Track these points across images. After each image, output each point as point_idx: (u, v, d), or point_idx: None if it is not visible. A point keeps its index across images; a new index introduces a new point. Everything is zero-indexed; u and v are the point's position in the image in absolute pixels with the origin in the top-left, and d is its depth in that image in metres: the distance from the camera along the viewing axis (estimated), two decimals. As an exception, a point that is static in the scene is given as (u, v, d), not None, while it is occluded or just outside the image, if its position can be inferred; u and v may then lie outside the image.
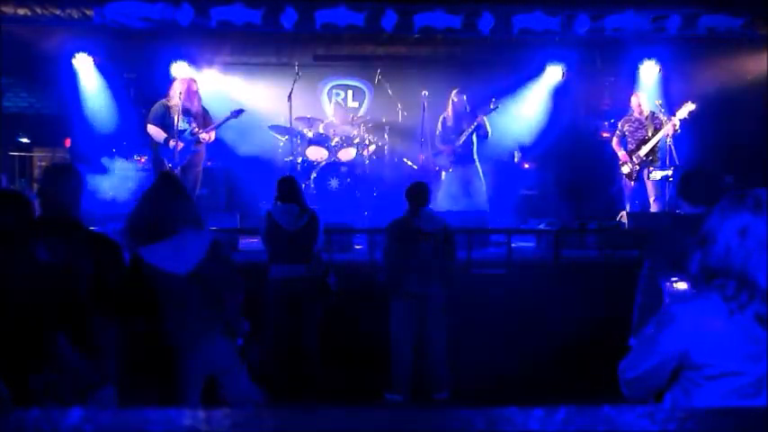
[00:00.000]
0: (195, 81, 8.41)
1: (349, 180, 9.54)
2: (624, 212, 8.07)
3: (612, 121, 9.58)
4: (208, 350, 3.72)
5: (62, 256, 3.13)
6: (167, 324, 3.64)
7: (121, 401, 3.23)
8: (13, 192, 3.87)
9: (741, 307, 1.98)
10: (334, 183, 9.50)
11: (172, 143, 7.99)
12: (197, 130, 8.12)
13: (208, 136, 8.18)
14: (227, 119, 8.15)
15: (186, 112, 8.10)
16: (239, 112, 8.16)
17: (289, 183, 5.88)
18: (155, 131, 8.10)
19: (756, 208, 2.00)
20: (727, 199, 2.07)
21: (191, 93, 8.16)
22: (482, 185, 9.07)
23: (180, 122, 8.06)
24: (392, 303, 5.74)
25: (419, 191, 5.80)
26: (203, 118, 8.26)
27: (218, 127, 8.26)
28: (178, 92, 8.09)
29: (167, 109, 8.13)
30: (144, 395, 3.63)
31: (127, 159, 9.30)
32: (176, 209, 3.70)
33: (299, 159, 9.59)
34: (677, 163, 8.15)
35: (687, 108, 8.13)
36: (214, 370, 3.79)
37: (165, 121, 8.10)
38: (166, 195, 3.74)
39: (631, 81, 9.83)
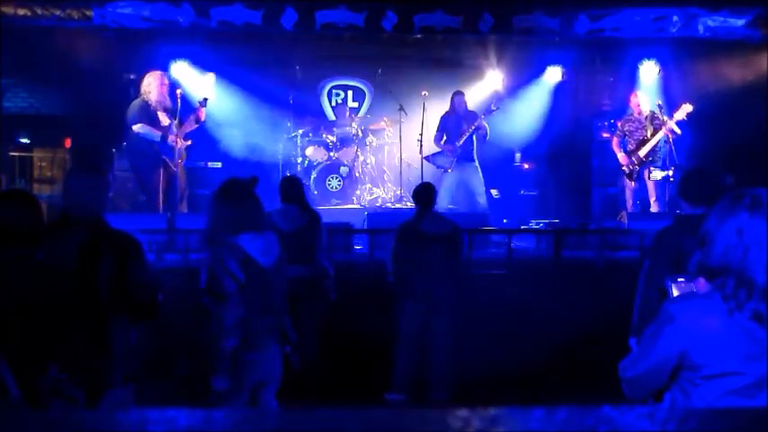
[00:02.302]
0: (165, 75, 8.37)
1: (349, 180, 9.54)
2: (624, 212, 8.07)
3: (612, 121, 9.58)
4: (265, 355, 3.72)
5: (81, 256, 3.12)
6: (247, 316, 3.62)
7: (140, 402, 3.22)
8: (23, 192, 3.88)
9: (739, 305, 1.99)
10: (334, 183, 9.50)
11: (171, 137, 7.94)
12: (176, 120, 8.07)
13: (196, 121, 8.15)
14: (196, 109, 8.16)
15: (166, 108, 8.02)
16: (205, 100, 8.18)
17: (289, 183, 5.87)
18: (147, 130, 7.93)
19: (753, 207, 2.02)
20: (724, 199, 2.09)
21: (165, 87, 8.08)
22: (482, 186, 9.07)
23: (163, 118, 7.99)
24: (401, 304, 5.74)
25: (426, 193, 5.80)
26: (174, 112, 8.14)
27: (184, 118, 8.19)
28: (153, 87, 8.00)
29: (147, 105, 8.01)
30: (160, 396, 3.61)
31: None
32: (252, 210, 3.76)
33: (299, 159, 9.59)
34: (677, 163, 8.15)
35: (684, 110, 8.11)
36: (263, 379, 3.77)
37: (151, 119, 7.98)
38: (242, 197, 3.77)
39: (631, 81, 9.82)
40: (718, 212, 2.09)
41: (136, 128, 7.96)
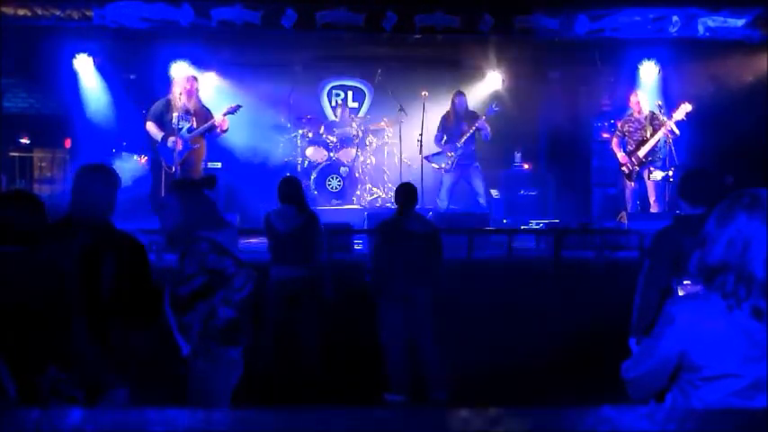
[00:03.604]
0: (196, 79, 8.41)
1: (349, 180, 9.54)
2: (624, 213, 8.07)
3: (612, 121, 9.57)
4: (239, 354, 3.75)
5: (82, 256, 3.12)
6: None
7: (135, 403, 3.22)
8: (24, 192, 3.89)
9: (738, 302, 2.00)
10: (334, 183, 9.50)
11: (171, 139, 7.99)
12: (195, 124, 8.08)
13: (220, 122, 8.05)
14: (226, 114, 8.11)
15: (185, 111, 8.09)
16: (237, 107, 8.15)
17: (287, 184, 5.87)
18: (152, 128, 8.13)
19: (752, 205, 2.04)
20: (725, 200, 2.11)
21: (190, 91, 8.15)
22: (482, 186, 9.08)
23: (178, 120, 8.05)
24: (380, 305, 5.72)
25: (407, 192, 5.79)
26: (204, 116, 8.22)
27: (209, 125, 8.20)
28: (179, 90, 8.10)
29: (168, 107, 8.15)
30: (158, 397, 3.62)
31: (126, 159, 9.31)
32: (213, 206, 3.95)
33: (299, 159, 9.59)
34: (677, 163, 8.15)
35: (684, 109, 8.10)
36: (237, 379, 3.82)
37: (163, 119, 8.12)
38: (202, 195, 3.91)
39: (631, 81, 9.82)
40: (718, 213, 2.11)
41: (146, 125, 8.22)
